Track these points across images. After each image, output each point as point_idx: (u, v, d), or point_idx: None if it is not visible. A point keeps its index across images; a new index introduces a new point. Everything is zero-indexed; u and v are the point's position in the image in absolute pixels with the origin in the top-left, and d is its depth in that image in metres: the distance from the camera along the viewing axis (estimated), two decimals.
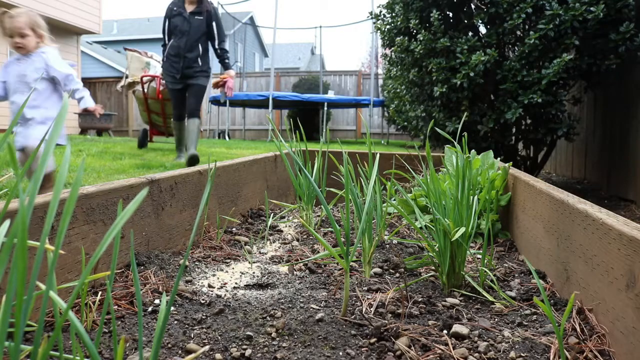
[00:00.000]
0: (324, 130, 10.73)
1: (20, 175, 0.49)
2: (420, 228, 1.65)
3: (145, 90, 6.94)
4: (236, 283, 1.31)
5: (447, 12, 4.63)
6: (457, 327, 0.99)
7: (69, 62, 2.88)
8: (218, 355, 0.88)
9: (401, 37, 4.58)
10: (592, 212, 1.07)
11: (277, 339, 0.95)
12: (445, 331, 1.00)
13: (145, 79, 6.94)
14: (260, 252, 1.64)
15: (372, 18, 5.35)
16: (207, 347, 0.90)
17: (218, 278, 1.34)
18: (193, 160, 4.85)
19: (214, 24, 5.28)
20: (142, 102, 7.10)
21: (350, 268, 1.30)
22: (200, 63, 5.25)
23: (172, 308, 1.09)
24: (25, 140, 2.63)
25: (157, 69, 7.26)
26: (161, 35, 5.49)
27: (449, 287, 1.26)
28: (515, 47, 4.40)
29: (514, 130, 4.60)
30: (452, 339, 0.96)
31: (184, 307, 1.10)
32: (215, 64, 5.71)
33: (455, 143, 1.43)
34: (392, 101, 10.28)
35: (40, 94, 2.72)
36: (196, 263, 1.46)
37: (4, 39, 2.74)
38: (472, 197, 1.37)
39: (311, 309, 1.10)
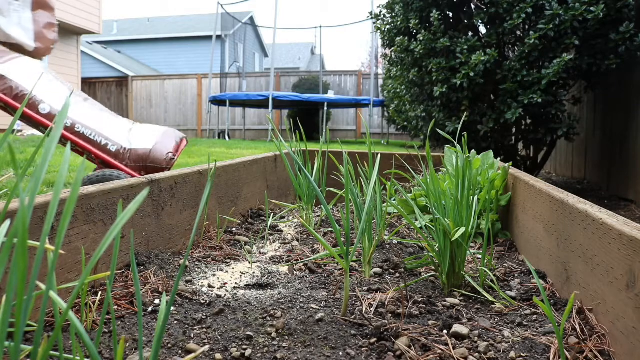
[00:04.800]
0: (324, 130, 10.73)
1: (21, 175, 0.49)
2: (420, 228, 1.65)
3: None
4: (236, 283, 1.31)
5: (447, 12, 4.62)
6: (457, 327, 0.99)
7: None
8: (218, 355, 0.88)
9: (401, 37, 4.58)
10: (592, 212, 1.07)
11: (277, 339, 0.95)
12: (445, 331, 1.00)
13: None
14: (260, 252, 1.64)
15: (372, 18, 5.35)
16: (207, 347, 0.90)
17: (218, 278, 1.34)
18: None
19: None
20: None
21: (350, 268, 1.30)
22: None
23: (172, 308, 1.09)
24: None
25: None
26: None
27: (449, 287, 1.26)
28: (515, 47, 4.40)
29: (514, 130, 4.60)
30: (452, 339, 0.96)
31: (184, 307, 1.10)
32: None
33: (455, 143, 1.43)
34: (392, 101, 10.29)
35: None
36: (196, 263, 1.46)
37: None
38: (472, 197, 1.37)
39: (311, 309, 1.10)
